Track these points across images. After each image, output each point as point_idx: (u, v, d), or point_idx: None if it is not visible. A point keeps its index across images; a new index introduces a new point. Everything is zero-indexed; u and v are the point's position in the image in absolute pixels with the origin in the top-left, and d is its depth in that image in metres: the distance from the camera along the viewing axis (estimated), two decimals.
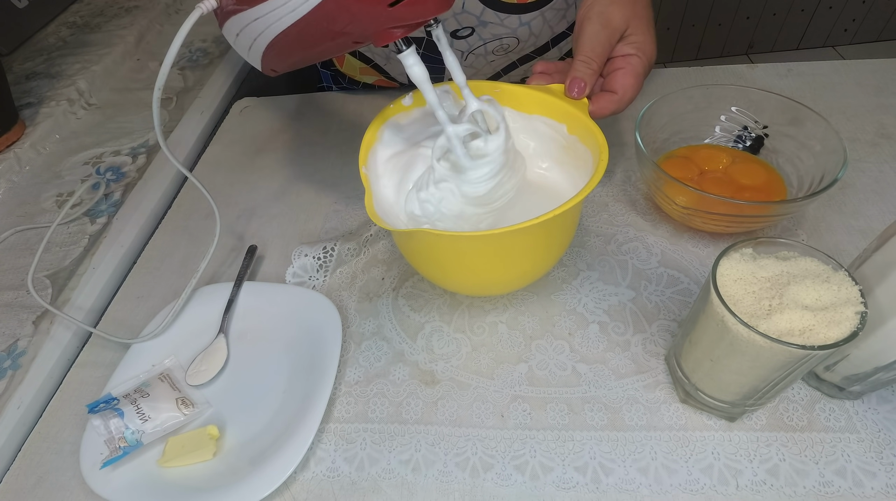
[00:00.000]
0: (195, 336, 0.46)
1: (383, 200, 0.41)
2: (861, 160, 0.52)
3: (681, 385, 0.38)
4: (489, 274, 0.40)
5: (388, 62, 0.66)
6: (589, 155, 0.40)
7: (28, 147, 0.67)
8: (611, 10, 0.44)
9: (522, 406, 0.40)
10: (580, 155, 0.42)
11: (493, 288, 0.44)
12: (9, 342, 0.49)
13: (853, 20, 1.95)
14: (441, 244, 0.37)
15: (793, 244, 0.33)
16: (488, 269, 0.40)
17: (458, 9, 0.56)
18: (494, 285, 0.43)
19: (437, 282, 0.44)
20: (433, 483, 0.37)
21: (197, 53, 0.81)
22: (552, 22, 0.61)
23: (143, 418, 0.40)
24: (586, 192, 0.34)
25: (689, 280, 0.45)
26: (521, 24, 0.59)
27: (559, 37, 0.64)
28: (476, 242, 0.36)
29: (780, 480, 0.35)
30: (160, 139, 0.39)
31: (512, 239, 0.36)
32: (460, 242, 0.37)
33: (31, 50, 0.83)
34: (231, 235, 0.56)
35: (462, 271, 0.40)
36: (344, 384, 0.43)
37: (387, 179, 0.42)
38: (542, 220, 0.33)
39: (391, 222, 0.38)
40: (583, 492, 0.35)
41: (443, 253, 0.39)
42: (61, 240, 0.57)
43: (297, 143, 0.65)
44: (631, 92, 0.43)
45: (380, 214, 0.37)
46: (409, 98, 0.43)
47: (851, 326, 0.29)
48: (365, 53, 0.67)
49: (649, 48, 0.44)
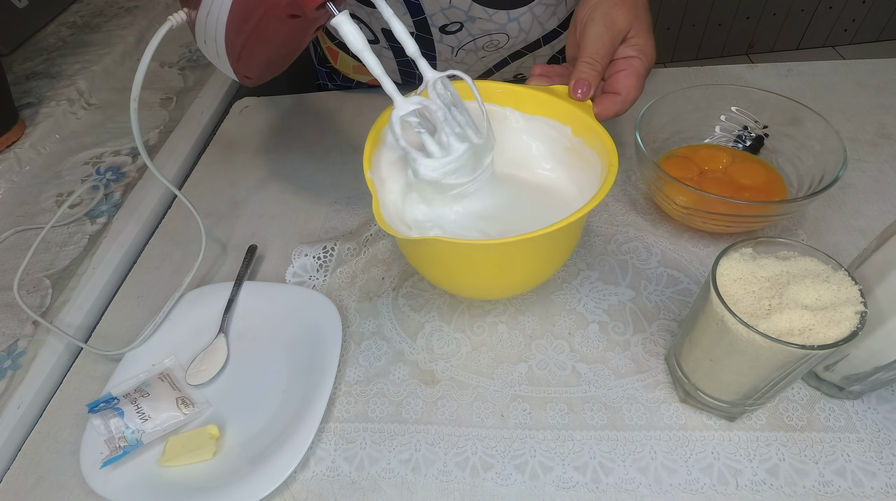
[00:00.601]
0: (195, 336, 0.46)
1: (389, 204, 0.40)
2: (861, 160, 0.52)
3: (681, 385, 0.38)
4: (496, 279, 0.40)
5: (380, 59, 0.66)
6: (595, 158, 0.40)
7: (28, 147, 0.67)
8: (615, 12, 0.44)
9: (522, 406, 0.40)
10: (586, 158, 0.41)
11: (498, 292, 0.44)
12: (9, 342, 0.49)
13: (853, 20, 1.95)
14: (450, 251, 0.37)
15: (793, 244, 0.33)
16: (495, 274, 0.39)
17: (445, 4, 0.56)
18: (499, 290, 0.43)
19: (441, 286, 0.44)
20: (433, 483, 0.37)
21: (197, 53, 0.81)
22: (542, 18, 0.61)
23: (143, 417, 0.40)
24: (597, 200, 0.34)
25: (689, 280, 0.45)
26: (509, 20, 0.59)
27: (550, 34, 0.64)
28: (487, 250, 0.36)
29: (780, 480, 0.35)
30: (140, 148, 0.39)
31: (521, 247, 0.36)
32: (471, 250, 0.36)
33: (31, 50, 0.83)
34: (231, 234, 0.56)
35: (469, 277, 0.40)
36: (344, 383, 0.43)
37: (391, 182, 0.41)
38: (553, 229, 0.33)
39: (396, 226, 0.38)
40: (583, 492, 0.35)
41: (451, 260, 0.38)
42: (61, 240, 0.57)
43: (298, 143, 0.65)
44: (634, 93, 0.44)
45: (385, 218, 0.37)
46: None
47: (851, 325, 0.29)
48: None
49: (649, 50, 0.45)
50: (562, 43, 0.67)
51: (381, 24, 0.61)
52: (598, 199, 0.34)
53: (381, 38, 0.62)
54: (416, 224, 0.40)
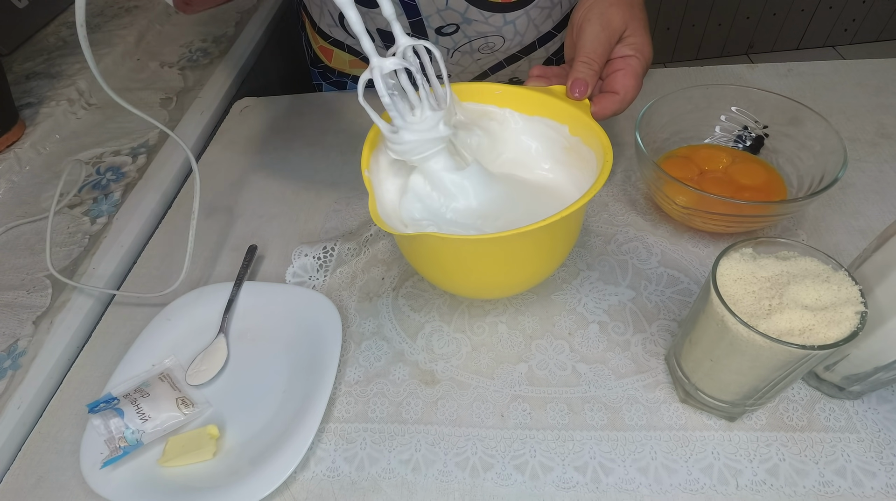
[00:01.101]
0: (195, 336, 0.46)
1: (387, 203, 0.40)
2: (861, 160, 0.52)
3: (681, 385, 0.38)
4: (494, 277, 0.40)
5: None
6: (592, 156, 0.40)
7: (28, 147, 0.67)
8: (611, 11, 0.44)
9: (522, 406, 0.40)
10: (583, 156, 0.42)
11: (497, 291, 0.44)
12: (9, 341, 0.49)
13: (853, 20, 1.95)
14: (445, 248, 0.37)
15: (793, 244, 0.33)
16: (493, 272, 0.39)
17: (442, 5, 0.57)
18: (498, 289, 0.43)
19: (440, 285, 0.44)
20: (433, 483, 0.37)
21: (197, 53, 0.81)
22: (537, 21, 0.61)
23: (143, 417, 0.40)
24: (592, 194, 0.34)
25: (689, 280, 0.45)
26: (505, 22, 0.59)
27: (545, 37, 0.65)
28: (481, 245, 0.36)
29: (780, 480, 0.35)
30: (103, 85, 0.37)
31: (516, 242, 0.36)
32: (465, 245, 0.36)
33: (32, 50, 0.83)
34: (231, 235, 0.56)
35: (466, 275, 0.40)
36: (344, 383, 0.43)
37: (390, 183, 0.41)
38: (546, 223, 0.33)
39: (393, 225, 0.38)
40: (583, 492, 0.35)
41: (446, 256, 0.39)
42: (61, 240, 0.57)
43: (297, 143, 0.65)
44: (632, 92, 0.44)
45: (383, 217, 0.37)
46: None
47: (851, 326, 0.29)
48: (353, 47, 0.67)
49: (647, 49, 0.45)
50: (556, 45, 0.67)
51: (377, 25, 0.61)
52: (593, 191, 0.34)
53: (376, 38, 0.62)
54: (412, 222, 0.40)
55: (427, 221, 0.39)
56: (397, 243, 0.45)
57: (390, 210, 0.40)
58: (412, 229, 0.39)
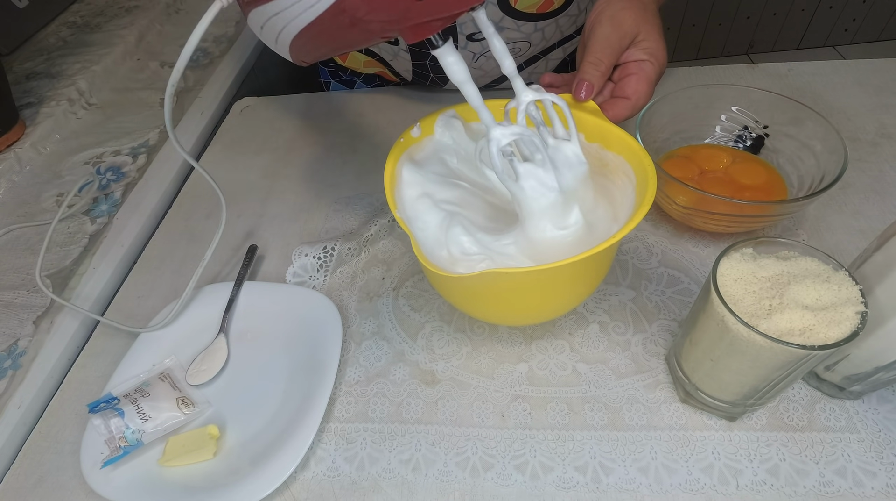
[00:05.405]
0: (195, 336, 0.46)
1: (427, 240, 0.37)
2: (861, 160, 0.52)
3: (681, 385, 0.38)
4: (543, 305, 0.39)
5: (395, 58, 0.66)
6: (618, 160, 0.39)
7: (28, 147, 0.67)
8: (622, 14, 0.43)
9: (522, 406, 0.40)
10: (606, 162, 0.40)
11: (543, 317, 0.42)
12: (9, 341, 0.49)
13: (853, 20, 1.95)
14: (507, 283, 0.35)
15: (793, 244, 0.33)
16: (552, 297, 0.38)
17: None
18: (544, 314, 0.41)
19: (484, 318, 0.43)
20: (433, 483, 0.37)
21: (197, 53, 0.81)
22: (564, 27, 0.62)
23: (143, 417, 0.40)
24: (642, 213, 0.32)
25: (690, 280, 0.45)
26: (535, 29, 0.60)
27: (565, 38, 0.65)
28: (548, 274, 0.33)
29: (781, 480, 0.35)
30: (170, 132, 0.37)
31: (581, 264, 0.33)
32: (536, 275, 0.33)
33: (32, 50, 0.83)
34: (231, 234, 0.56)
35: (519, 305, 0.38)
36: (344, 383, 0.43)
37: (421, 221, 0.38)
38: (614, 241, 0.32)
39: (440, 262, 0.36)
40: (583, 492, 0.35)
41: (506, 291, 0.36)
42: (61, 240, 0.57)
43: (298, 142, 0.65)
44: (644, 98, 0.43)
45: (427, 256, 0.35)
46: (416, 129, 0.41)
47: (852, 326, 0.29)
48: (371, 48, 0.67)
49: (661, 54, 0.44)
50: (573, 46, 0.67)
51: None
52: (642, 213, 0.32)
53: (400, 40, 0.62)
54: (464, 257, 0.36)
55: (480, 254, 0.36)
56: (431, 281, 0.41)
57: (434, 246, 0.37)
58: (464, 265, 0.36)
